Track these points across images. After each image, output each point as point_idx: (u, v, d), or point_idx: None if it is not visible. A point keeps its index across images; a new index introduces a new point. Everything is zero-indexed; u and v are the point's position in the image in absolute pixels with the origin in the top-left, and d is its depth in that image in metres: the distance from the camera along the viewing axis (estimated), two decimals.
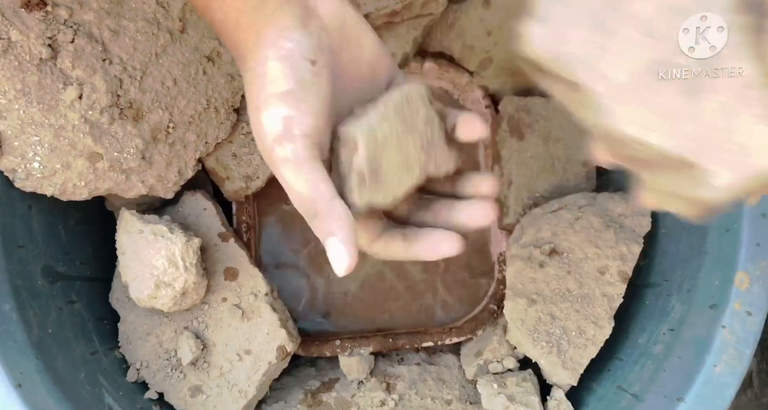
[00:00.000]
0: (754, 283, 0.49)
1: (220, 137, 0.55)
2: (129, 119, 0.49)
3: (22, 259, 0.48)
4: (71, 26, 0.46)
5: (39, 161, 0.47)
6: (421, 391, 0.59)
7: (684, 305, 0.54)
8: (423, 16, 0.59)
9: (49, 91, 0.46)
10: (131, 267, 0.50)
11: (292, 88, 0.30)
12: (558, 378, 0.56)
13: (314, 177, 0.30)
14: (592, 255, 0.56)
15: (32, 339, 0.46)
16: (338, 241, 0.30)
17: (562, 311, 0.55)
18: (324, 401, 0.58)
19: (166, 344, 0.54)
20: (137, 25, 0.49)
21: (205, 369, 0.54)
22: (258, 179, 0.58)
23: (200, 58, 0.52)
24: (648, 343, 0.56)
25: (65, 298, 0.52)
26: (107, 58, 0.48)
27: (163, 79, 0.50)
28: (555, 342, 0.54)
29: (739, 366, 0.48)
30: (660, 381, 0.52)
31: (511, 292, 0.57)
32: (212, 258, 0.56)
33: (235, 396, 0.53)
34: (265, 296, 0.55)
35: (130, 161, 0.50)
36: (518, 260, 0.58)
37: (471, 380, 0.60)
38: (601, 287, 0.55)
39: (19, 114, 0.45)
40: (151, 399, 0.53)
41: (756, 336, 0.49)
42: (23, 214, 0.49)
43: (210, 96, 0.53)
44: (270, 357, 0.54)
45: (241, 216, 0.61)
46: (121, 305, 0.55)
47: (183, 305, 0.52)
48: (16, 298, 0.46)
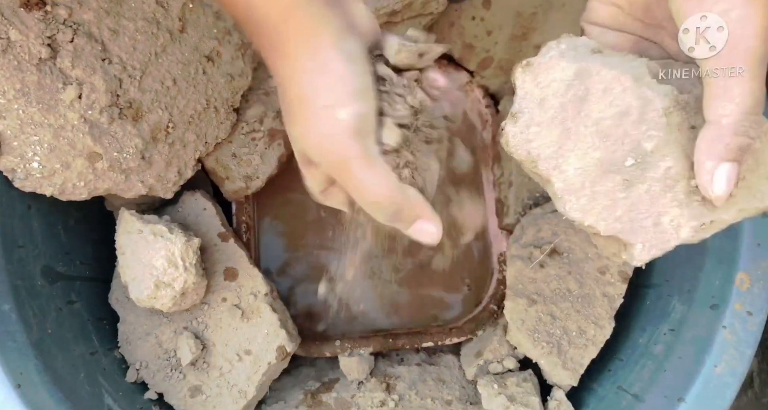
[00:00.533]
0: (755, 283, 0.49)
1: (219, 136, 0.55)
2: (128, 118, 0.49)
3: (22, 259, 0.48)
4: (71, 26, 0.46)
5: (38, 160, 0.47)
6: (421, 391, 0.59)
7: (684, 306, 0.54)
8: (423, 16, 0.59)
9: (49, 91, 0.46)
10: (131, 267, 0.50)
11: (361, 87, 0.32)
12: (558, 379, 0.56)
13: (388, 172, 0.32)
14: (592, 255, 0.56)
15: (32, 339, 0.46)
16: (426, 221, 0.34)
17: (563, 311, 0.55)
18: (324, 401, 0.58)
19: (165, 344, 0.54)
20: (137, 25, 0.49)
21: (204, 370, 0.53)
22: (258, 179, 0.58)
23: (200, 58, 0.52)
24: (648, 343, 0.56)
25: (65, 298, 0.52)
26: (107, 58, 0.48)
27: (162, 79, 0.50)
28: (555, 342, 0.54)
29: (739, 366, 0.48)
30: (660, 381, 0.52)
31: (511, 292, 0.57)
32: (212, 258, 0.56)
33: (235, 397, 0.53)
34: (264, 297, 0.55)
35: (130, 161, 0.50)
36: (518, 260, 0.58)
37: (471, 380, 0.60)
38: (602, 288, 0.55)
39: (18, 114, 0.45)
40: (150, 400, 0.53)
41: (756, 337, 0.49)
42: (23, 214, 0.49)
43: (210, 96, 0.53)
44: (270, 358, 0.53)
45: (240, 216, 0.61)
46: (121, 306, 0.55)
47: (183, 305, 0.52)
48: (15, 298, 0.46)
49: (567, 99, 0.32)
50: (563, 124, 0.33)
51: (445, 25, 0.63)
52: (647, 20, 0.35)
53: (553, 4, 0.61)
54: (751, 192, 0.31)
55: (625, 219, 0.32)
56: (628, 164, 0.32)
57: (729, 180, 0.30)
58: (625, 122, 0.31)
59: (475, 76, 0.66)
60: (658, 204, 0.32)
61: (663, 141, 0.31)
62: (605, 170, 0.32)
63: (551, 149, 0.33)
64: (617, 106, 0.31)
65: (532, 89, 0.33)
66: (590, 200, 0.33)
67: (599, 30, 0.37)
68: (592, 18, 0.37)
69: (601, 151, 0.32)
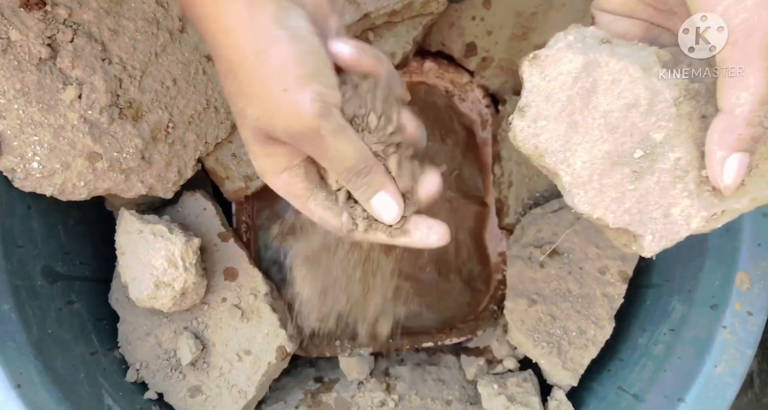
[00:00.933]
0: (755, 283, 0.49)
1: (219, 136, 0.55)
2: (128, 118, 0.49)
3: (22, 259, 0.48)
4: (71, 26, 0.46)
5: (38, 160, 0.47)
6: (421, 391, 0.59)
7: (684, 306, 0.53)
8: (423, 16, 0.59)
9: (49, 91, 0.46)
10: (131, 267, 0.50)
11: (313, 67, 0.31)
12: (558, 379, 0.56)
13: (357, 138, 0.33)
14: (592, 255, 0.56)
15: (32, 339, 0.46)
16: (390, 194, 0.34)
17: (563, 311, 0.55)
18: (324, 401, 0.58)
19: (165, 344, 0.54)
20: (137, 25, 0.49)
21: (204, 370, 0.53)
22: (258, 179, 0.58)
23: (200, 58, 0.52)
24: (648, 343, 0.56)
25: (65, 298, 0.52)
26: (107, 58, 0.48)
27: (162, 79, 0.50)
28: (555, 342, 0.54)
29: (739, 366, 0.48)
30: (660, 381, 0.52)
31: (511, 292, 0.57)
32: (212, 258, 0.56)
33: (235, 397, 0.53)
34: (264, 297, 0.55)
35: (130, 161, 0.50)
36: (518, 260, 0.58)
37: (471, 380, 0.60)
38: (602, 288, 0.55)
39: (18, 114, 0.45)
40: (150, 400, 0.53)
41: (756, 337, 0.49)
42: (23, 214, 0.49)
43: (210, 96, 0.53)
44: (270, 358, 0.53)
45: (240, 216, 0.61)
46: (121, 306, 0.55)
47: (183, 305, 0.52)
48: (15, 298, 0.46)
49: (574, 92, 0.32)
50: (571, 117, 0.32)
51: (445, 25, 0.63)
52: (659, 6, 0.35)
53: (553, 4, 0.61)
54: (765, 180, 0.31)
55: (634, 211, 0.32)
56: (636, 155, 0.31)
57: (740, 170, 0.29)
58: (634, 114, 0.31)
59: (475, 76, 0.66)
60: (667, 195, 0.31)
61: (673, 131, 0.31)
62: (613, 163, 0.32)
63: (559, 143, 0.33)
64: (625, 97, 0.31)
65: (539, 82, 0.33)
66: (598, 192, 0.32)
67: (610, 17, 0.36)
68: (602, 5, 0.36)
69: (609, 143, 0.32)
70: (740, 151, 0.29)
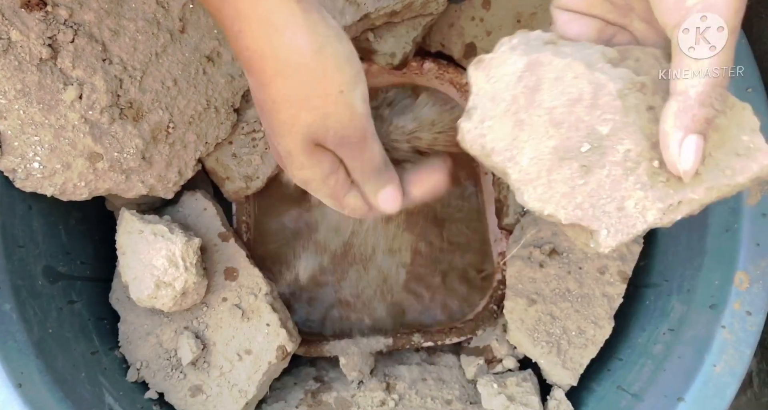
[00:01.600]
0: (754, 283, 0.49)
1: (220, 137, 0.55)
2: (129, 119, 0.49)
3: (23, 259, 0.48)
4: (71, 26, 0.46)
5: (39, 161, 0.47)
6: (421, 391, 0.59)
7: (684, 305, 0.54)
8: (423, 16, 0.59)
9: (49, 91, 0.46)
10: (131, 267, 0.50)
11: (359, 67, 0.32)
12: (558, 378, 0.56)
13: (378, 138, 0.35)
14: (592, 255, 0.56)
15: (32, 338, 0.46)
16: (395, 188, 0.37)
17: (562, 311, 0.55)
18: (324, 401, 0.58)
19: (166, 344, 0.54)
20: (137, 25, 0.49)
21: (205, 369, 0.54)
22: (258, 179, 0.58)
23: (200, 58, 0.52)
24: (648, 343, 0.56)
25: (65, 298, 0.52)
26: (107, 58, 0.48)
27: (163, 79, 0.50)
28: (555, 341, 0.55)
29: (738, 366, 0.48)
30: (660, 381, 0.52)
31: (511, 292, 0.57)
32: (212, 258, 0.56)
33: (236, 396, 0.53)
34: (265, 296, 0.55)
35: (130, 161, 0.50)
36: (518, 260, 0.58)
37: (471, 380, 0.60)
38: (601, 287, 0.56)
39: (19, 114, 0.45)
40: (151, 399, 0.53)
41: (756, 336, 0.49)
42: (23, 214, 0.49)
43: (210, 96, 0.53)
44: (270, 357, 0.54)
45: (241, 216, 0.61)
46: (122, 305, 0.55)
47: (183, 305, 0.52)
48: (16, 298, 0.46)
49: (518, 91, 0.32)
50: (516, 115, 0.32)
51: (444, 25, 0.63)
52: (617, 1, 0.35)
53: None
54: (719, 168, 0.30)
55: (587, 206, 0.31)
56: (584, 149, 0.31)
57: (697, 153, 0.29)
58: (578, 108, 0.31)
59: None
60: (620, 188, 0.31)
61: (620, 124, 0.30)
62: (561, 158, 0.31)
63: (505, 142, 0.33)
64: (569, 93, 0.31)
65: (484, 85, 0.33)
66: (548, 188, 0.32)
67: (566, 17, 0.36)
68: (561, 2, 0.36)
69: (555, 139, 0.31)
70: (695, 133, 0.29)
